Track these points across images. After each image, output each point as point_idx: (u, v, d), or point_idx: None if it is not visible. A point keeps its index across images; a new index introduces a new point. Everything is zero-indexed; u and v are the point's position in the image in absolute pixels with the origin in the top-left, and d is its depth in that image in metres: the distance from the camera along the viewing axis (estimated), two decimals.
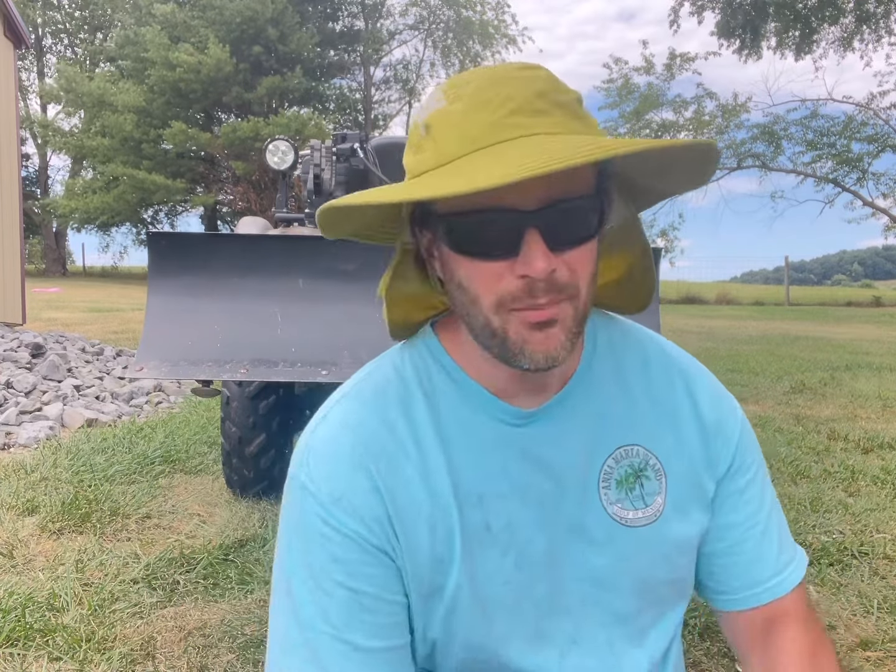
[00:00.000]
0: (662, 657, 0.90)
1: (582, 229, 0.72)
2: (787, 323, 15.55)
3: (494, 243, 0.70)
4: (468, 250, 0.72)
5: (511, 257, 0.70)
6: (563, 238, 0.70)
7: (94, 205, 25.47)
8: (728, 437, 0.92)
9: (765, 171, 21.94)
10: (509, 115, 0.68)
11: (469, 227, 0.71)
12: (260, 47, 25.76)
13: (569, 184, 0.69)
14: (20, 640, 2.24)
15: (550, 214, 0.69)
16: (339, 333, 2.92)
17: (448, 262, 0.76)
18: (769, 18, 19.27)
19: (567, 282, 0.71)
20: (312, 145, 4.52)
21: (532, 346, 0.72)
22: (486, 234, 0.70)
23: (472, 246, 0.71)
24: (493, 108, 0.69)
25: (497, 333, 0.74)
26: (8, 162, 10.18)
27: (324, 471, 0.80)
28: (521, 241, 0.69)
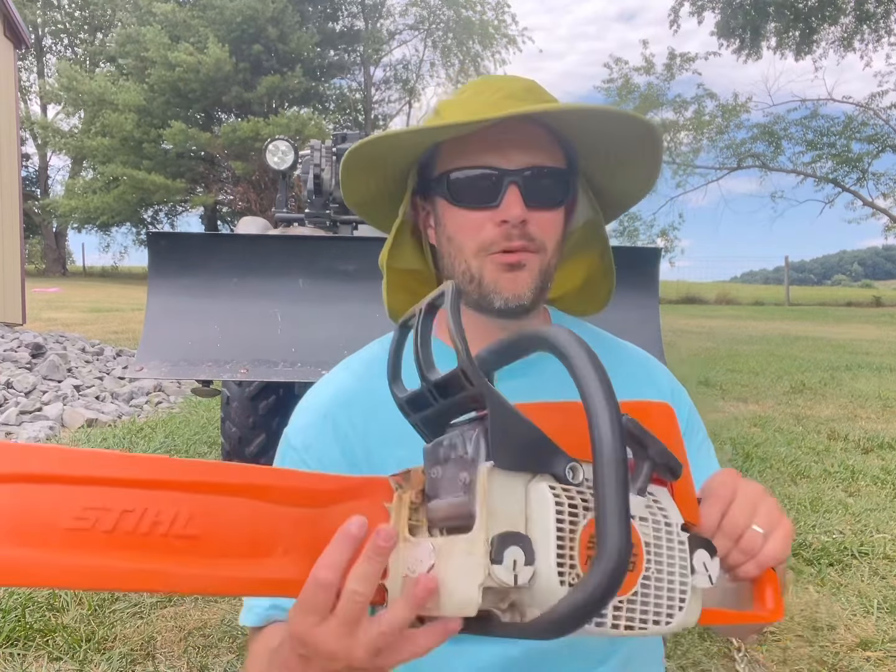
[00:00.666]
0: None
1: (552, 195, 0.91)
2: (787, 323, 15.55)
3: (480, 194, 0.88)
4: (460, 199, 0.90)
5: (493, 207, 0.88)
6: (536, 197, 0.88)
7: (94, 205, 25.47)
8: (681, 405, 1.03)
9: (765, 171, 21.96)
10: (503, 98, 0.87)
11: (462, 179, 0.89)
12: (260, 47, 25.76)
13: (544, 156, 0.89)
14: (20, 640, 2.24)
15: (528, 176, 0.88)
16: (339, 333, 2.92)
17: (443, 219, 0.93)
18: (769, 18, 19.28)
19: (536, 235, 0.89)
20: (312, 145, 4.52)
21: (502, 285, 0.88)
22: (475, 185, 0.89)
23: (463, 196, 0.89)
24: (490, 93, 0.89)
25: (475, 277, 0.90)
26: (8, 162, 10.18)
27: (300, 423, 0.95)
28: (503, 194, 0.87)
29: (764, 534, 0.69)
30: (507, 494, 0.54)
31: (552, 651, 0.90)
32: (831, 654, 2.28)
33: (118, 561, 0.50)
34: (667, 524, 0.59)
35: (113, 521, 0.50)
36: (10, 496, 0.48)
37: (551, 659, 0.91)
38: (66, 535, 0.49)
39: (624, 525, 0.47)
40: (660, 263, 3.29)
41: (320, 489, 0.59)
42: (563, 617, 0.48)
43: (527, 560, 0.51)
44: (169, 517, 0.52)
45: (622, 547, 0.47)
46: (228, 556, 0.54)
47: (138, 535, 0.51)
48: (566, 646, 0.90)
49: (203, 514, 0.53)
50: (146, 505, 0.51)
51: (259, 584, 0.56)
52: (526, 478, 0.55)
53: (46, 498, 0.49)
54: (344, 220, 4.29)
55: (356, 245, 3.21)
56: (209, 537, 0.53)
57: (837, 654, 2.29)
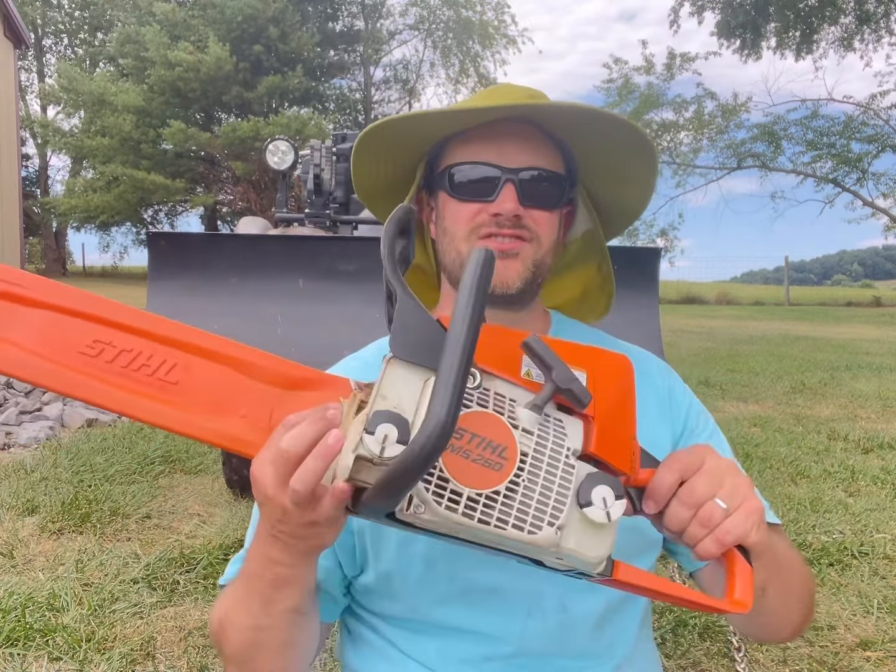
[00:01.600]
0: (620, 601, 0.93)
1: (547, 196, 0.93)
2: (787, 323, 15.54)
3: (478, 188, 0.92)
4: (459, 191, 0.93)
5: (489, 200, 0.91)
6: (532, 196, 0.91)
7: (94, 203, 25.45)
8: (679, 403, 1.02)
9: (765, 171, 21.94)
10: (516, 98, 0.91)
11: (464, 172, 0.93)
12: (260, 46, 25.74)
13: (543, 159, 0.92)
14: (20, 640, 2.24)
15: (525, 175, 0.91)
16: (339, 333, 2.92)
17: (441, 213, 0.96)
18: (769, 18, 19.27)
19: (530, 226, 0.91)
20: (312, 145, 4.52)
21: None
22: (474, 180, 0.92)
23: (462, 189, 0.93)
24: (499, 95, 0.93)
25: (463, 260, 0.91)
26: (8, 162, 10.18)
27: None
28: (499, 190, 0.90)
29: (726, 508, 0.67)
30: (403, 383, 0.60)
31: (542, 650, 0.90)
32: (831, 654, 2.28)
33: (109, 386, 0.63)
34: (556, 444, 0.62)
35: (113, 354, 0.64)
36: (42, 318, 0.63)
37: (541, 658, 0.91)
38: (76, 356, 0.63)
39: (449, 399, 0.51)
40: (660, 263, 3.29)
41: (288, 374, 0.69)
42: (388, 476, 0.53)
43: (399, 438, 0.56)
44: (157, 362, 0.65)
45: (442, 418, 0.50)
46: (197, 405, 0.65)
47: (130, 370, 0.64)
48: (556, 643, 0.90)
49: (185, 367, 0.65)
50: (141, 349, 0.64)
51: (215, 435, 0.66)
52: (428, 374, 0.60)
53: (68, 326, 0.63)
54: (344, 220, 4.29)
55: (356, 245, 3.21)
56: (185, 386, 0.65)
57: (837, 654, 2.29)
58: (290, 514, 0.64)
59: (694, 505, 0.67)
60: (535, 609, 0.89)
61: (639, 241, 22.15)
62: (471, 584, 0.88)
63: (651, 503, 0.69)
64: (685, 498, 0.68)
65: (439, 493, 0.57)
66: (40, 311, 0.63)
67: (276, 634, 0.79)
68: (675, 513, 0.68)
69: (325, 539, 0.69)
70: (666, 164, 22.66)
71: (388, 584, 0.90)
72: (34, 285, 0.64)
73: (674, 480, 0.68)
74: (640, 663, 0.98)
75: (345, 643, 1.00)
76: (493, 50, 33.13)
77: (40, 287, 0.64)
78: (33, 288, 0.64)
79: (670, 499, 0.69)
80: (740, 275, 55.08)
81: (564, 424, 0.63)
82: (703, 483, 0.68)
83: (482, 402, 0.62)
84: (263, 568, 0.73)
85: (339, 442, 0.60)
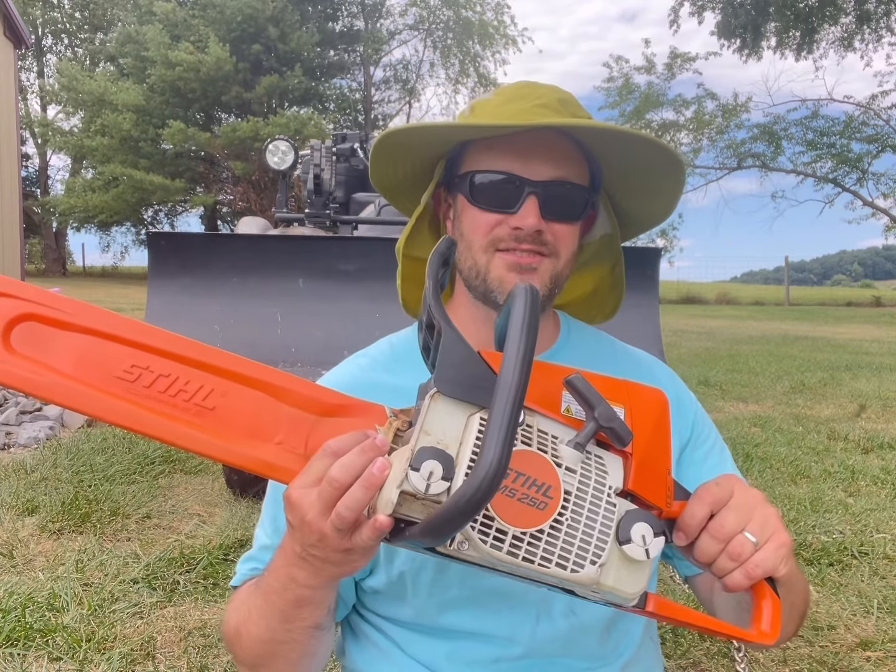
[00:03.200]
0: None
1: (570, 209, 0.91)
2: (787, 323, 15.54)
3: (500, 199, 0.89)
4: (480, 200, 0.91)
5: (510, 212, 0.88)
6: (554, 210, 0.89)
7: (93, 203, 25.45)
8: (686, 411, 1.01)
9: (765, 171, 21.94)
10: (537, 107, 0.88)
11: (487, 182, 0.90)
12: (260, 46, 25.73)
13: (569, 171, 0.90)
14: (20, 640, 2.24)
15: (549, 189, 0.88)
16: (338, 333, 2.93)
17: (460, 215, 0.94)
18: (770, 18, 19.27)
19: (550, 241, 0.89)
20: (312, 145, 4.52)
21: (508, 285, 0.88)
22: (495, 190, 0.90)
23: (484, 197, 0.90)
24: (526, 101, 0.89)
25: (481, 272, 0.91)
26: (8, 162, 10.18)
27: None
28: (521, 202, 0.88)
29: (755, 542, 0.68)
30: (447, 418, 0.59)
31: (550, 652, 0.90)
32: (831, 654, 2.28)
33: (147, 411, 0.63)
34: (598, 483, 0.62)
35: (151, 379, 0.64)
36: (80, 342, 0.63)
37: (549, 659, 0.91)
38: (114, 381, 0.63)
39: (502, 445, 0.51)
40: (660, 263, 3.29)
41: (324, 400, 0.68)
42: (437, 519, 0.53)
43: (444, 475, 0.56)
44: (194, 388, 0.65)
45: (494, 464, 0.50)
46: (234, 431, 0.65)
47: (167, 395, 0.64)
48: (564, 646, 0.90)
49: (221, 393, 0.65)
50: (178, 374, 0.64)
51: (251, 461, 0.66)
52: (471, 409, 0.60)
53: (106, 350, 0.63)
54: (344, 220, 4.30)
55: (356, 245, 3.21)
56: (222, 412, 0.65)
57: (837, 654, 2.29)
58: (328, 540, 0.64)
59: (724, 539, 0.68)
60: (543, 613, 0.90)
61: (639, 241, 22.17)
62: (481, 588, 0.88)
63: (682, 535, 0.69)
64: (715, 532, 0.68)
65: (485, 532, 0.58)
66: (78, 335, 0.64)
67: (294, 647, 0.79)
68: (706, 546, 0.68)
69: (356, 565, 0.68)
70: None
71: (398, 587, 0.90)
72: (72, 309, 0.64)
73: (705, 514, 0.69)
74: (646, 662, 0.99)
75: (348, 643, 1.00)
76: (493, 50, 33.14)
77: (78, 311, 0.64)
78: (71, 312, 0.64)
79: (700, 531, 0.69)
80: (740, 275, 55.09)
81: (605, 461, 0.63)
82: (733, 517, 0.68)
83: (526, 440, 0.62)
84: (285, 587, 0.73)
85: (384, 471, 0.60)
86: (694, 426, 1.01)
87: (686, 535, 0.69)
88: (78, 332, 0.64)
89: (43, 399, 0.64)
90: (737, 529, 0.68)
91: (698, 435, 1.01)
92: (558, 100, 0.90)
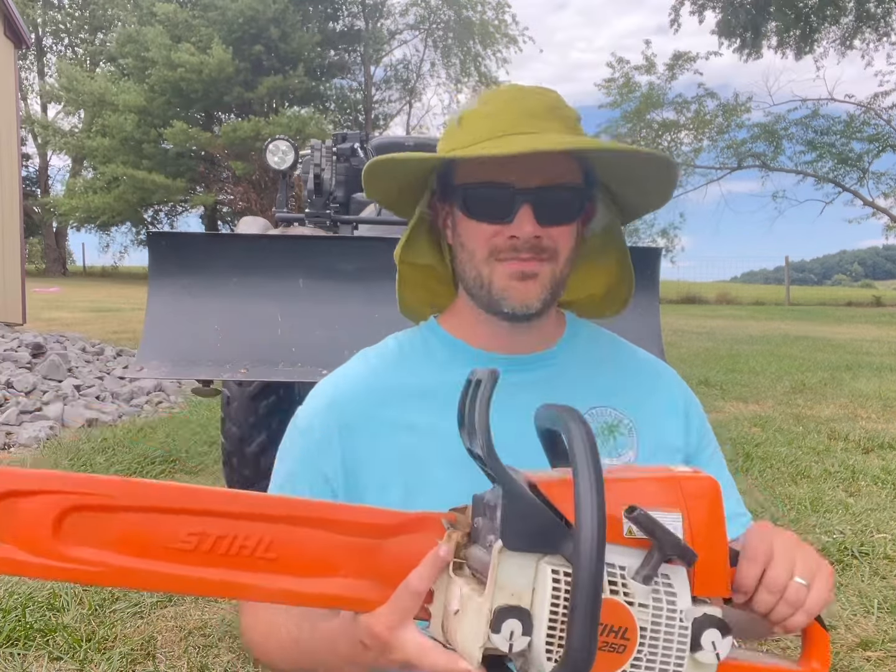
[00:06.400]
0: None
1: (566, 212, 0.91)
2: (787, 323, 15.54)
3: (495, 209, 0.89)
4: (475, 213, 0.91)
5: (506, 222, 0.89)
6: (549, 215, 0.89)
7: (94, 204, 25.45)
8: (692, 419, 1.03)
9: (765, 171, 21.93)
10: (526, 117, 0.89)
11: (479, 194, 0.90)
12: (261, 47, 25.75)
13: (561, 175, 0.89)
14: (20, 639, 2.24)
15: (542, 194, 0.88)
16: (339, 333, 2.92)
17: (457, 227, 0.95)
18: (770, 17, 19.27)
19: (548, 245, 0.90)
20: (313, 145, 4.52)
21: (511, 293, 0.90)
22: (489, 200, 0.90)
23: (478, 209, 0.91)
24: (513, 111, 0.90)
25: (484, 283, 0.91)
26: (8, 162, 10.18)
27: (309, 407, 0.98)
28: (516, 211, 0.88)
29: (807, 585, 0.72)
30: (516, 569, 0.60)
31: None
32: (832, 654, 2.28)
33: (213, 575, 0.63)
34: (670, 610, 0.62)
35: (210, 543, 0.63)
36: (134, 521, 0.63)
37: None
38: (174, 553, 0.63)
39: (588, 637, 0.53)
40: (660, 263, 3.28)
41: (381, 523, 0.69)
42: None
43: (524, 631, 0.58)
44: (254, 542, 0.64)
45: (582, 658, 0.52)
46: (300, 574, 0.66)
47: (229, 556, 0.64)
48: None
49: (281, 541, 0.65)
50: (236, 532, 0.64)
51: (323, 599, 0.67)
52: (537, 556, 0.61)
53: (162, 524, 0.63)
54: (344, 220, 4.29)
55: (356, 245, 3.21)
56: (285, 559, 0.65)
57: (837, 654, 2.29)
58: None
59: (780, 591, 0.72)
60: None
61: (639, 240, 22.16)
62: None
63: (741, 596, 0.73)
64: (772, 587, 0.72)
65: None
66: (129, 514, 0.63)
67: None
68: (764, 600, 0.72)
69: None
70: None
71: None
72: (117, 491, 0.63)
73: (758, 573, 0.72)
74: None
75: None
76: (493, 49, 33.14)
77: (123, 491, 0.63)
78: (116, 494, 0.63)
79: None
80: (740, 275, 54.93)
81: (672, 581, 0.63)
82: (782, 568, 0.73)
83: None
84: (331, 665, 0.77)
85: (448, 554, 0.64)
86: (700, 433, 1.02)
87: (745, 595, 0.73)
88: (128, 511, 0.63)
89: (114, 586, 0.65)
90: (789, 579, 0.72)
91: (706, 442, 1.03)
92: (545, 107, 0.91)
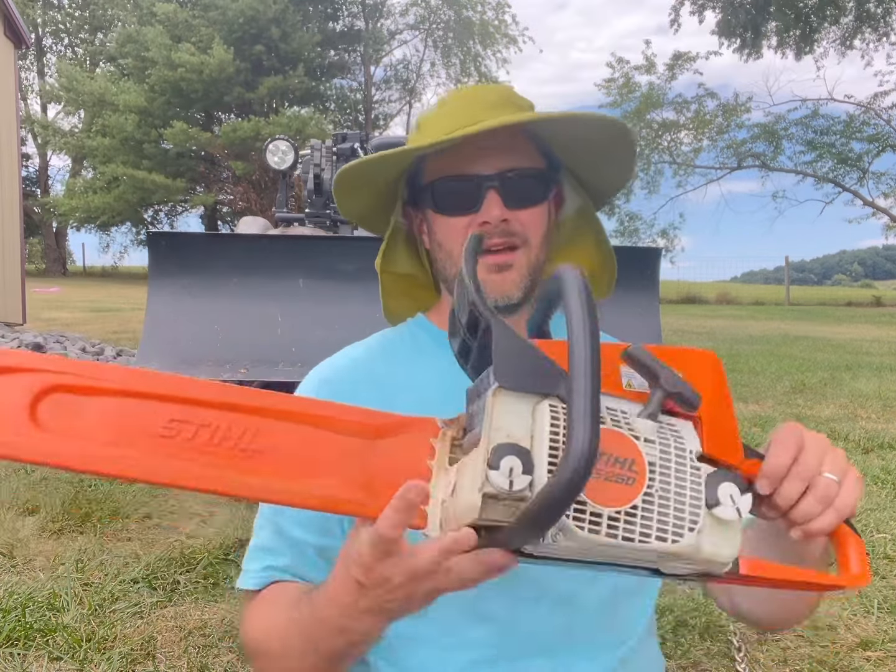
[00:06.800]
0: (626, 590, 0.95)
1: (531, 194, 0.94)
2: (787, 323, 15.54)
3: (462, 201, 0.93)
4: (445, 208, 0.94)
5: (474, 211, 0.92)
6: (515, 198, 0.92)
7: (94, 204, 25.46)
8: None
9: (765, 171, 21.93)
10: (479, 110, 0.91)
11: (447, 188, 0.94)
12: (261, 47, 25.76)
13: (519, 158, 0.93)
14: (20, 639, 2.24)
15: (505, 179, 0.91)
16: (339, 333, 2.93)
17: (432, 227, 0.98)
18: (770, 17, 19.27)
19: (518, 230, 0.92)
20: (313, 145, 4.52)
21: (490, 286, 0.91)
22: (456, 193, 0.93)
23: (448, 203, 0.94)
24: (466, 107, 0.93)
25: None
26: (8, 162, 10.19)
27: (302, 386, 1.00)
28: (482, 199, 0.91)
29: (838, 481, 0.67)
30: (514, 413, 0.58)
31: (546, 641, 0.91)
32: (831, 654, 2.28)
33: (193, 465, 0.60)
34: (679, 449, 0.61)
35: (192, 432, 0.61)
36: (116, 407, 0.60)
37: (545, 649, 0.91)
38: (155, 440, 0.60)
39: (589, 429, 0.50)
40: (660, 263, 3.29)
41: (371, 423, 0.66)
42: (534, 512, 0.52)
43: (524, 469, 0.55)
44: (237, 433, 0.62)
45: (585, 448, 0.50)
46: (284, 470, 0.63)
47: (211, 446, 0.61)
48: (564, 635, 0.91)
49: (267, 434, 0.63)
50: (219, 422, 0.62)
51: (312, 499, 0.63)
52: (535, 399, 0.59)
53: (142, 410, 0.61)
54: (344, 220, 4.30)
55: (356, 245, 3.21)
56: (270, 453, 0.62)
57: (837, 654, 2.29)
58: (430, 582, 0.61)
59: (808, 479, 0.67)
60: (543, 597, 0.90)
61: (639, 240, 22.17)
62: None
63: (766, 483, 0.68)
64: (803, 474, 0.67)
65: (580, 518, 0.56)
66: (108, 398, 0.60)
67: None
68: (790, 490, 0.67)
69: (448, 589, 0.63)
70: (666, 164, 22.67)
71: None
72: (97, 373, 0.61)
73: (790, 457, 0.68)
74: (647, 656, 1.00)
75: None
76: (493, 49, 33.15)
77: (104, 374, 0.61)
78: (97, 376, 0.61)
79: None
80: (740, 275, 55.07)
81: (678, 428, 0.63)
82: (813, 459, 0.68)
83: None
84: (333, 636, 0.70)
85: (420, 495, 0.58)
86: None
87: (771, 482, 0.68)
88: (107, 395, 0.61)
89: (88, 473, 0.60)
90: (818, 471, 0.67)
91: None
92: (498, 98, 0.95)
